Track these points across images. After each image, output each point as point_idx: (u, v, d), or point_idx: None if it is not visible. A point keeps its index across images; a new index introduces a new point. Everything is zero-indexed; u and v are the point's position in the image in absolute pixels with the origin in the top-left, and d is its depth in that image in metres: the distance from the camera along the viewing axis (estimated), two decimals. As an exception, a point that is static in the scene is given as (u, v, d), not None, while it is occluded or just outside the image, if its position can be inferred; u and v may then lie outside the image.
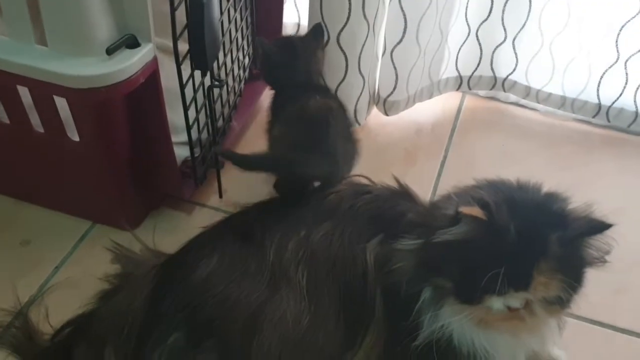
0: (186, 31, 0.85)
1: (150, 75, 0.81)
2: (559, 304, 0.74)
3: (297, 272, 0.84)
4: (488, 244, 0.71)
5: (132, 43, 0.79)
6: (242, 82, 1.21)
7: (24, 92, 0.86)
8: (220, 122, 1.08)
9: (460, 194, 0.81)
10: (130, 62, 0.78)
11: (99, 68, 0.77)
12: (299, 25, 1.41)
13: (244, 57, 1.19)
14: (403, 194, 0.93)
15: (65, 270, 0.99)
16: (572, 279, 0.72)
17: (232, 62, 1.11)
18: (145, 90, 0.83)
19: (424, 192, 1.10)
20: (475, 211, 0.70)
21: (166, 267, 0.88)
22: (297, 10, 1.39)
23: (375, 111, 1.28)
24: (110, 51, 0.76)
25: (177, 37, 0.82)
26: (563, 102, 1.28)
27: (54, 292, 0.96)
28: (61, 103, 0.85)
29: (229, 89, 1.12)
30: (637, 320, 0.98)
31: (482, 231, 0.71)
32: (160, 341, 0.81)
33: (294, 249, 0.85)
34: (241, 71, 1.19)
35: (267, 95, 1.26)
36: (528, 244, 0.70)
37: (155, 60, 0.82)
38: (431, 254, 0.76)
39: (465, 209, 0.70)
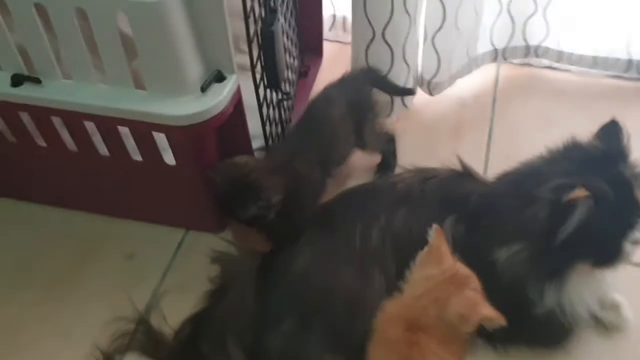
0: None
1: (237, 103, 0.91)
2: None
3: (384, 258, 0.94)
4: (605, 209, 0.80)
5: (219, 77, 0.88)
6: (295, 85, 1.29)
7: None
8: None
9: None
10: (222, 96, 0.87)
11: (196, 105, 0.86)
12: (334, 16, 1.49)
13: (293, 61, 1.27)
14: (466, 174, 1.02)
15: (171, 276, 1.11)
16: None
17: (287, 68, 1.19)
18: (231, 114, 0.92)
19: (477, 164, 1.17)
20: (581, 192, 0.78)
21: (267, 265, 0.99)
22: (332, 4, 1.47)
23: (418, 91, 1.36)
24: (204, 88, 0.86)
25: (254, 64, 0.91)
26: (595, 62, 1.35)
27: (166, 297, 1.07)
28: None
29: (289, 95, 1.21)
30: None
31: (593, 204, 0.79)
32: (274, 329, 0.92)
33: (378, 236, 0.95)
34: (294, 75, 1.27)
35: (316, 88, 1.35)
36: (623, 189, 0.82)
37: (239, 89, 0.91)
38: (558, 254, 0.84)
39: (573, 195, 0.78)
